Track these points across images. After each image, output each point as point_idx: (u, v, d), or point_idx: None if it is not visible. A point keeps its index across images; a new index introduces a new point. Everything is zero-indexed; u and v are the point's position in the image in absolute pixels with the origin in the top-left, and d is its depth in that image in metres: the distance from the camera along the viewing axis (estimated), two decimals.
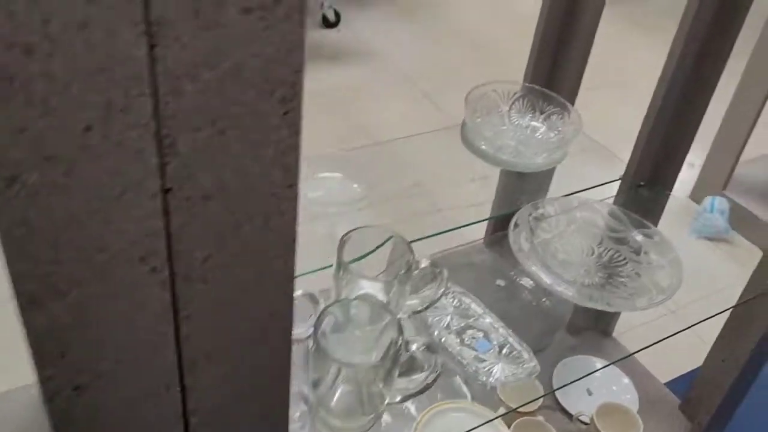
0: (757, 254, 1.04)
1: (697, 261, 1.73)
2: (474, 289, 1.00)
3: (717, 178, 1.79)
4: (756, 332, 1.00)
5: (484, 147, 1.09)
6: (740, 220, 1.76)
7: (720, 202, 1.75)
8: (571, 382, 1.08)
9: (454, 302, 0.95)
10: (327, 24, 2.48)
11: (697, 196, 1.86)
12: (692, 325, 0.99)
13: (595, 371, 1.17)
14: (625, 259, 0.96)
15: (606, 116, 2.04)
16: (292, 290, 0.39)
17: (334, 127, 1.97)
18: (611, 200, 1.15)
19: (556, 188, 1.16)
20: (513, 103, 1.20)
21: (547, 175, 1.24)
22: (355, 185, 0.99)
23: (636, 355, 1.23)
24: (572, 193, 1.20)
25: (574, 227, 1.00)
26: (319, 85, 2.16)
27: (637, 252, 0.96)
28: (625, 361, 1.17)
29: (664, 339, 0.98)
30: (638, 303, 0.88)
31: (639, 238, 0.98)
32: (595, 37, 1.14)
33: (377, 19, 2.64)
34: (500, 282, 1.13)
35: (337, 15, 2.49)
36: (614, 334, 1.33)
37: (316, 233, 0.90)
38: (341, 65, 2.31)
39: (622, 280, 0.92)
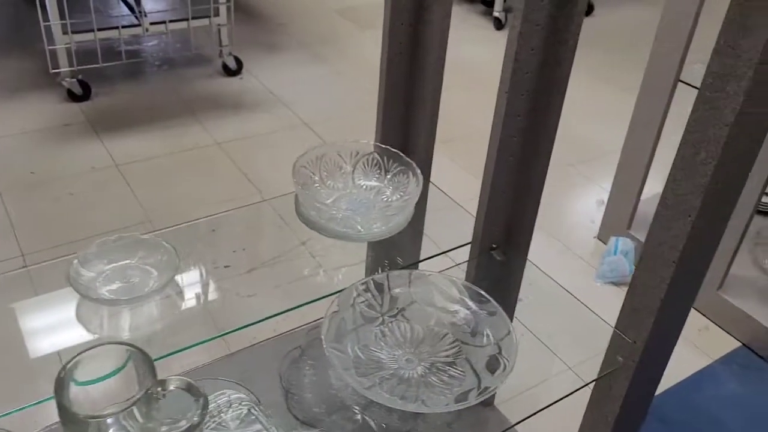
0: None
1: (601, 309, 1.63)
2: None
3: (621, 217, 1.71)
4: (611, 410, 0.89)
5: (313, 215, 0.98)
6: None
7: (624, 243, 1.66)
8: None
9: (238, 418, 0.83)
10: (228, 72, 2.39)
11: (604, 236, 1.77)
12: (576, 390, 0.89)
13: None
14: (455, 342, 0.85)
15: (465, 173, 1.96)
16: None
17: (216, 183, 1.86)
18: (464, 266, 1.05)
19: (398, 255, 1.06)
20: (357, 163, 1.10)
21: (403, 240, 1.14)
22: (155, 272, 0.88)
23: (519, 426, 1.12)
24: (420, 261, 1.09)
25: (404, 307, 0.89)
26: (212, 136, 2.06)
27: (473, 333, 0.86)
28: None
29: (546, 407, 0.87)
30: (458, 398, 0.77)
31: (476, 315, 0.87)
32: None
33: (286, 66, 2.55)
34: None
35: (239, 62, 2.40)
36: (496, 403, 1.22)
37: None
38: (241, 115, 2.21)
39: (450, 370, 0.81)
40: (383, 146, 1.08)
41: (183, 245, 1.12)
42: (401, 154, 1.06)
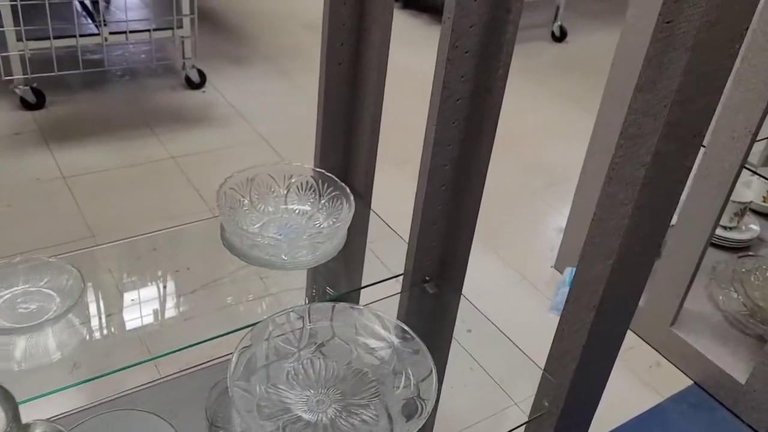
0: None
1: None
2: None
3: (578, 246, 1.67)
4: None
5: (236, 241, 0.93)
6: None
7: None
8: None
9: None
10: (191, 85, 2.34)
11: (562, 265, 1.74)
12: None
13: None
14: (373, 382, 0.80)
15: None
16: None
17: (166, 199, 1.81)
18: (395, 299, 1.01)
19: (334, 284, 1.01)
20: (291, 186, 1.05)
21: (340, 269, 1.09)
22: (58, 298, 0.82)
23: None
24: (349, 291, 1.05)
25: (323, 342, 0.84)
26: (168, 150, 2.00)
27: (394, 372, 0.81)
28: None
29: None
30: None
31: (399, 353, 0.82)
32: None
33: (250, 79, 2.50)
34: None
35: (202, 75, 2.35)
36: None
37: None
38: (199, 128, 2.16)
39: (363, 413, 0.76)
40: (318, 170, 1.04)
41: (122, 263, 1.06)
42: (335, 178, 1.02)
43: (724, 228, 1.77)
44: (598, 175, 1.55)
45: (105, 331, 0.94)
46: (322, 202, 1.03)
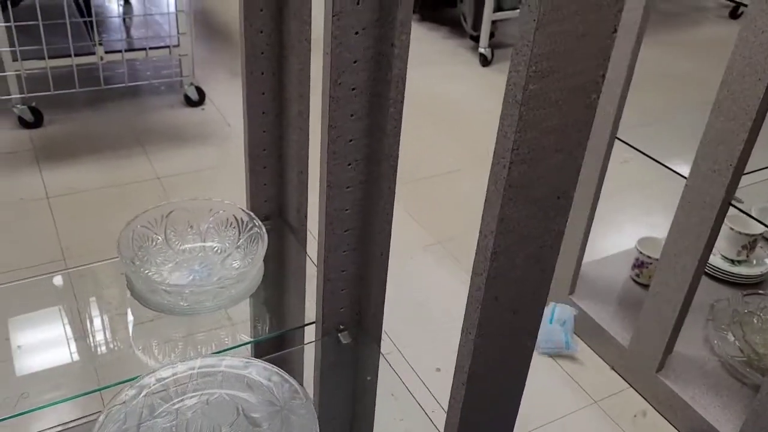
0: (605, 372, 0.81)
1: (534, 384, 1.48)
2: None
3: (562, 281, 1.56)
4: None
5: (138, 284, 0.88)
6: (587, 330, 1.53)
7: (561, 311, 1.51)
8: None
9: None
10: (190, 103, 2.32)
11: (548, 298, 1.62)
12: None
13: None
14: None
15: (412, 220, 1.83)
16: None
17: None
18: (311, 346, 0.93)
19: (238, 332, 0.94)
20: (209, 225, 0.99)
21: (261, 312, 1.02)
22: None
23: None
24: (253, 341, 0.98)
25: (207, 399, 0.78)
26: (155, 170, 1.98)
27: None
28: None
29: None
30: None
31: (286, 412, 0.75)
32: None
33: None
34: None
35: (201, 93, 2.33)
36: None
37: None
38: (192, 147, 2.13)
39: None
40: (239, 207, 0.98)
41: (86, 288, 1.03)
42: (252, 215, 0.96)
43: (732, 262, 1.63)
44: (582, 209, 1.44)
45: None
46: (241, 241, 0.97)
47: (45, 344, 0.98)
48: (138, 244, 0.93)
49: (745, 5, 1.01)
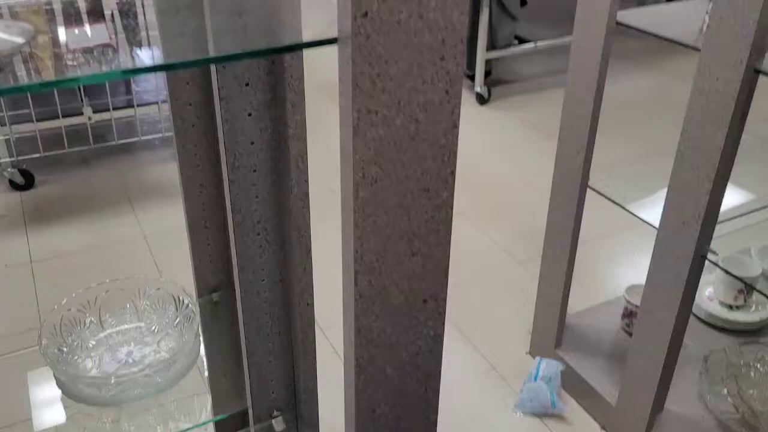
0: None
1: None
2: None
3: (547, 334, 1.49)
4: None
5: (57, 372, 0.85)
6: (575, 387, 1.45)
7: (547, 367, 1.44)
8: None
9: None
10: None
11: (535, 352, 1.55)
12: None
13: None
14: None
15: None
16: None
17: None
18: None
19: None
20: (144, 305, 0.96)
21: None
22: None
23: None
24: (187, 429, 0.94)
25: None
26: (142, 228, 1.98)
27: None
28: None
29: None
30: None
31: None
32: None
33: None
34: None
35: None
36: None
37: None
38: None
39: None
40: (177, 284, 0.95)
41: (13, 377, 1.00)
42: (186, 295, 0.93)
43: (729, 308, 1.54)
44: (560, 261, 1.38)
45: None
46: (178, 320, 0.93)
47: None
48: (68, 329, 0.91)
49: (698, 49, 0.96)
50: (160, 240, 1.94)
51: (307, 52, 0.52)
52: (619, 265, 1.91)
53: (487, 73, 2.84)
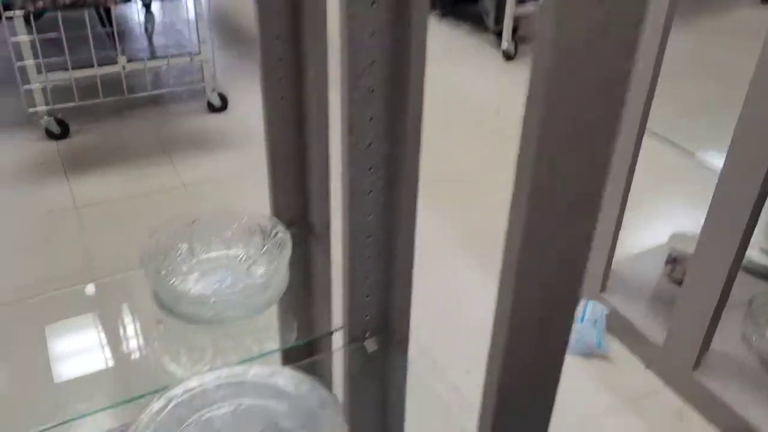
0: (639, 371, 0.77)
1: (566, 386, 1.44)
2: None
3: (593, 277, 1.53)
4: None
5: (162, 293, 0.88)
6: (619, 329, 1.49)
7: (593, 309, 1.48)
8: None
9: None
10: (213, 109, 2.33)
11: (581, 295, 1.59)
12: None
13: None
14: None
15: (443, 220, 1.79)
16: None
17: None
18: (338, 353, 0.92)
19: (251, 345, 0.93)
20: (234, 233, 0.99)
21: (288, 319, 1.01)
22: None
23: None
24: (280, 349, 0.97)
25: (235, 409, 0.77)
26: (181, 178, 1.99)
27: None
28: None
29: None
30: None
31: (315, 420, 0.74)
32: None
33: None
34: None
35: (224, 99, 2.34)
36: None
37: None
38: (216, 154, 2.14)
39: None
40: (264, 214, 0.98)
41: (113, 299, 1.04)
42: (276, 222, 0.95)
43: None
44: (612, 203, 1.41)
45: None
46: (265, 248, 0.96)
47: (74, 355, 0.99)
48: (163, 255, 0.93)
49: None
50: (200, 189, 1.96)
51: None
52: (665, 214, 1.95)
53: (514, 30, 2.83)
